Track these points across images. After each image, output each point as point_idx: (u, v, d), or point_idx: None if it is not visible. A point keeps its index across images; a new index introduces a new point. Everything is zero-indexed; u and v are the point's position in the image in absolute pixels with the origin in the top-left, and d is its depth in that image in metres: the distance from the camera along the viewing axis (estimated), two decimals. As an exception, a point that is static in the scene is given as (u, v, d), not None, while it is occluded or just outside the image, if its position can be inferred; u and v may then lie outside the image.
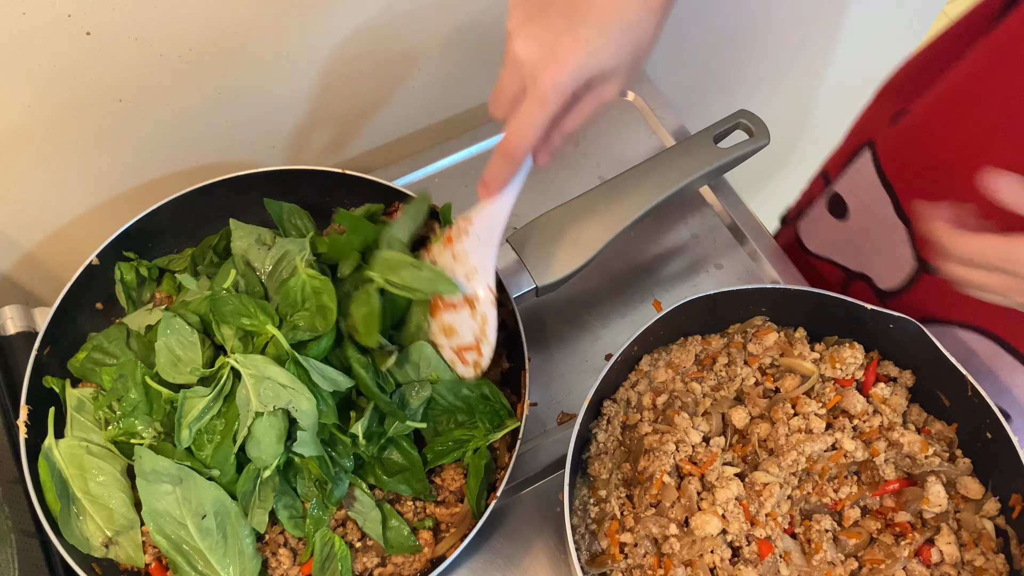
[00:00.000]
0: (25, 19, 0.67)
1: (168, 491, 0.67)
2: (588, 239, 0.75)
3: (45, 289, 0.94)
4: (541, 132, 0.58)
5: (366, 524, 0.72)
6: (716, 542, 0.65)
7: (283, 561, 0.72)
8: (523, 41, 0.56)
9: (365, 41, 0.89)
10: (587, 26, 0.55)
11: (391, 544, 0.72)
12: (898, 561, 0.66)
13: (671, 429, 0.72)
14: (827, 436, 0.70)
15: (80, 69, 0.74)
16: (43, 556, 0.69)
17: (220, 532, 0.67)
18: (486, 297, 0.71)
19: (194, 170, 0.92)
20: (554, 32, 0.55)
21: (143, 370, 0.72)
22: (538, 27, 0.56)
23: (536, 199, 0.96)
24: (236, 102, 0.87)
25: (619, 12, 0.56)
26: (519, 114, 0.58)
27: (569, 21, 0.55)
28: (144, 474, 0.67)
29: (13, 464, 0.71)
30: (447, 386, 0.74)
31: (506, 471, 0.71)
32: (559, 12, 0.56)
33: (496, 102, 0.60)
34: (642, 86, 1.05)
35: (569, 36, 0.55)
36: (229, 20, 0.77)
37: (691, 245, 0.95)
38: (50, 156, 0.81)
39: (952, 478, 0.70)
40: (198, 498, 0.67)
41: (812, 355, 0.75)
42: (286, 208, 0.83)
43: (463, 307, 0.72)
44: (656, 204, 0.75)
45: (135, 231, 0.81)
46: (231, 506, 0.68)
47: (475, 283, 0.71)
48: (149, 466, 0.67)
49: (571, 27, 0.55)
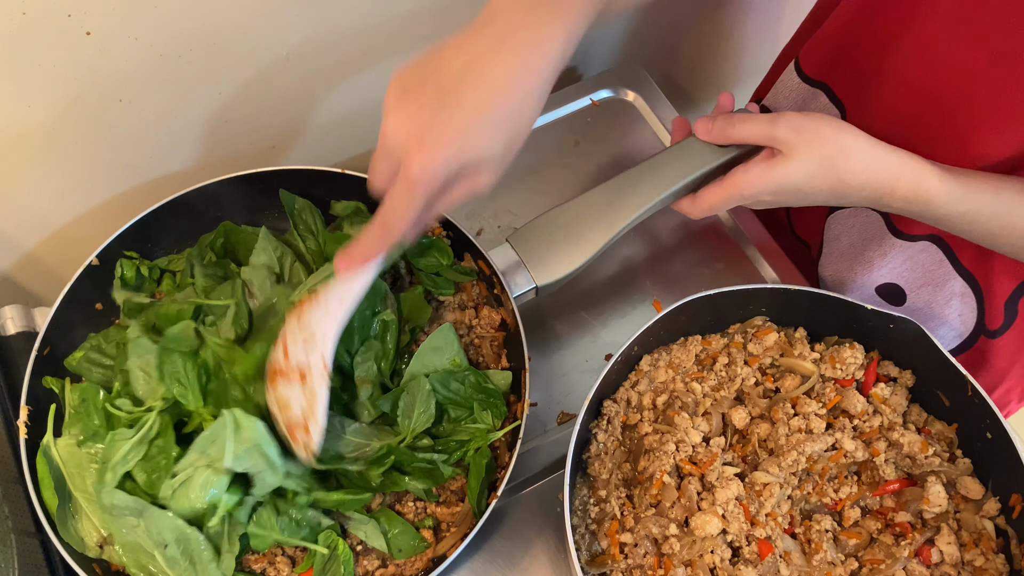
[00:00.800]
0: (25, 19, 0.67)
1: (134, 524, 0.67)
2: (588, 239, 0.75)
3: (45, 289, 0.94)
4: (413, 216, 0.56)
5: (368, 538, 0.72)
6: (716, 542, 0.65)
7: (281, 569, 0.72)
8: (395, 122, 0.54)
9: (365, 41, 0.89)
10: (460, 111, 0.53)
11: (399, 549, 0.72)
12: (898, 561, 0.66)
13: (671, 429, 0.72)
14: (827, 436, 0.70)
15: (80, 69, 0.73)
16: (43, 556, 0.69)
17: (187, 560, 0.66)
18: (318, 370, 0.65)
19: (194, 170, 0.91)
20: (427, 114, 0.53)
21: (104, 396, 0.72)
22: (412, 107, 0.54)
23: (536, 199, 0.97)
24: (236, 102, 0.87)
25: (494, 98, 0.54)
26: (391, 196, 0.56)
27: (442, 102, 0.53)
28: (107, 509, 0.67)
29: (13, 464, 0.71)
30: (438, 378, 0.74)
31: (507, 471, 0.71)
32: (433, 90, 0.54)
33: (372, 177, 0.59)
34: (642, 86, 1.06)
35: (441, 121, 0.53)
36: (229, 20, 0.77)
37: (691, 245, 0.95)
38: (50, 156, 0.81)
39: (952, 478, 0.70)
40: (157, 529, 0.66)
41: (812, 355, 0.75)
42: (299, 203, 0.83)
43: (295, 378, 0.66)
44: (656, 204, 0.75)
45: (135, 231, 0.81)
46: (191, 534, 0.66)
47: (310, 351, 0.65)
48: (108, 500, 0.67)
49: (443, 110, 0.53)
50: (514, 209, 0.96)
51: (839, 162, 0.67)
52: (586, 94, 1.05)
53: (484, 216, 0.96)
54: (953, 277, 0.82)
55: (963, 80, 0.69)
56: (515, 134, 0.57)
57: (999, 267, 0.79)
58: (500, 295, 0.79)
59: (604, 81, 1.06)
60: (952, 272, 0.82)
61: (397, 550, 0.72)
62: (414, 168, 0.53)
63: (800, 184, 0.68)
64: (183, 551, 0.66)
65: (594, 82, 1.06)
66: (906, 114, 0.74)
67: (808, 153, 0.67)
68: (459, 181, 0.57)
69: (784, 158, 0.68)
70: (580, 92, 1.05)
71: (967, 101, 0.69)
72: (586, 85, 1.05)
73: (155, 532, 0.66)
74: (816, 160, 0.67)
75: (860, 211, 0.87)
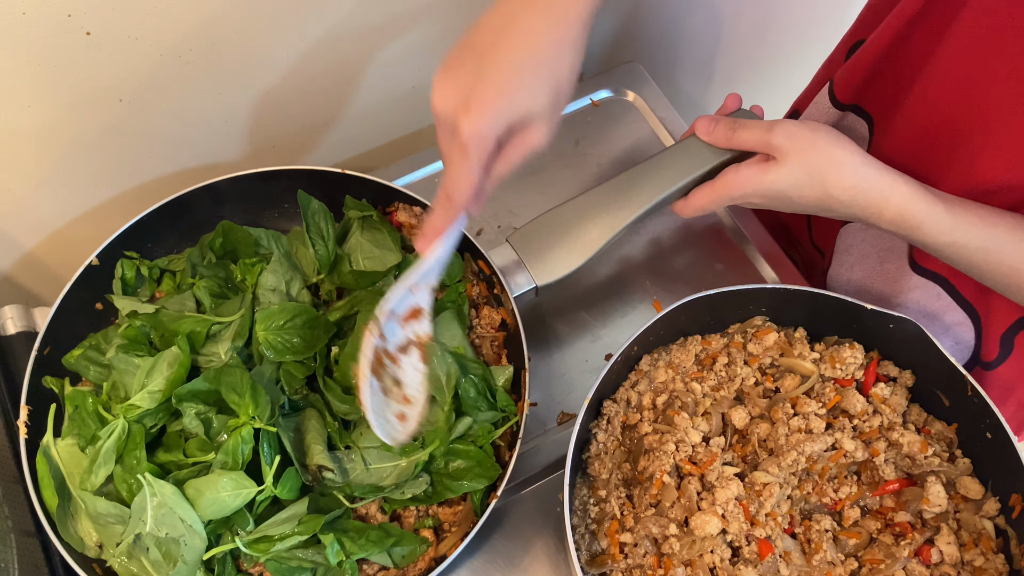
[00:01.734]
0: (25, 19, 0.67)
1: (120, 531, 0.67)
2: (588, 239, 0.75)
3: (45, 289, 0.94)
4: (474, 179, 0.58)
5: (372, 556, 0.72)
6: (716, 542, 0.65)
7: None
8: (440, 94, 0.56)
9: (365, 42, 0.89)
10: (497, 71, 0.55)
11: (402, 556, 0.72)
12: (898, 561, 0.66)
13: (671, 429, 0.72)
14: (827, 436, 0.70)
15: (80, 69, 0.74)
16: (43, 556, 0.69)
17: (170, 563, 0.67)
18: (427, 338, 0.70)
19: (194, 170, 0.92)
20: (468, 80, 0.55)
21: (94, 400, 0.72)
22: (453, 78, 0.56)
23: (536, 199, 0.97)
24: (236, 102, 0.87)
25: (530, 52, 0.56)
26: (448, 164, 0.58)
27: (481, 68, 0.55)
28: (95, 519, 0.68)
29: (13, 464, 0.71)
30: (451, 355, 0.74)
31: (507, 470, 0.71)
32: (472, 59, 0.56)
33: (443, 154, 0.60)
34: (642, 86, 1.06)
35: (481, 83, 0.55)
36: (229, 20, 0.77)
37: (691, 245, 0.95)
38: (50, 156, 0.81)
39: (952, 478, 0.70)
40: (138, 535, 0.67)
41: (812, 355, 0.75)
42: (314, 205, 0.83)
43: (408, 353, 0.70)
44: (656, 204, 0.75)
45: (135, 231, 0.81)
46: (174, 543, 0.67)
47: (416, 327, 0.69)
48: (92, 509, 0.68)
49: (483, 74, 0.55)
50: (514, 209, 0.96)
51: (829, 175, 0.67)
52: (586, 94, 1.05)
53: (484, 216, 0.96)
54: (953, 308, 0.82)
55: (979, 99, 0.68)
56: (558, 85, 0.58)
57: (997, 300, 0.78)
58: (500, 295, 0.79)
59: (604, 81, 1.06)
60: (952, 304, 0.82)
61: (400, 558, 0.72)
62: (464, 131, 0.55)
63: (787, 191, 0.68)
64: (164, 553, 0.67)
65: (594, 82, 1.06)
66: (926, 130, 0.74)
67: (800, 163, 0.67)
68: (512, 140, 0.58)
69: (776, 164, 0.68)
70: (580, 92, 1.05)
71: (982, 120, 0.68)
72: (586, 85, 1.05)
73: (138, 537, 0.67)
74: (807, 170, 0.67)
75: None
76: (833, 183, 0.67)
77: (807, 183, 0.67)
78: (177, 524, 0.66)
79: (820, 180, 0.67)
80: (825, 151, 0.67)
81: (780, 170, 0.67)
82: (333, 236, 0.83)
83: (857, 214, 0.68)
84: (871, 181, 0.67)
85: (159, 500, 0.66)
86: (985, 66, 0.67)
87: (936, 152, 0.73)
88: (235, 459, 0.68)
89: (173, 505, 0.66)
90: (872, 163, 0.67)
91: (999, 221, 0.66)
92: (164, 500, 0.66)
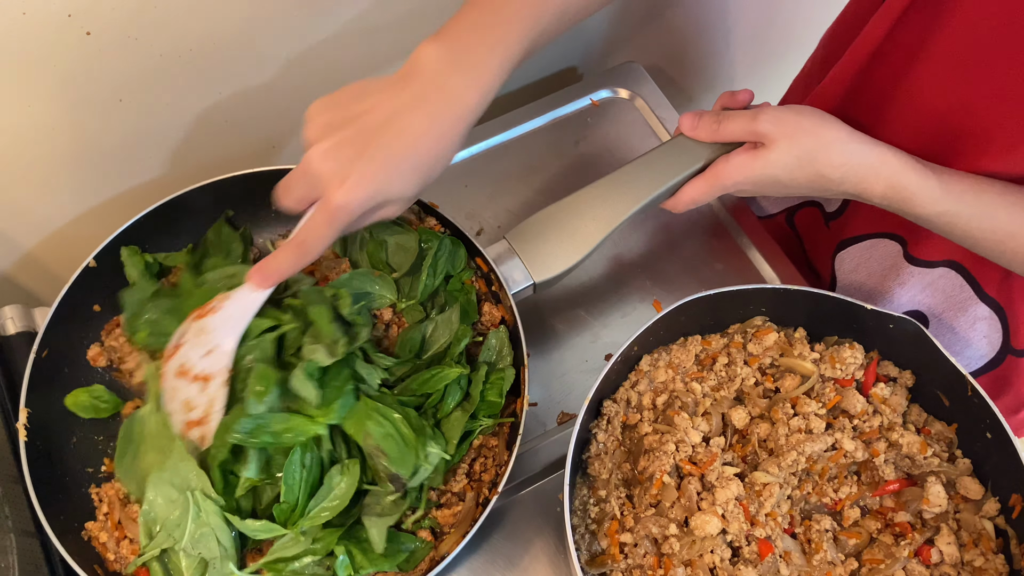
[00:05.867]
0: (25, 19, 0.67)
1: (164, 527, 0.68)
2: (585, 235, 0.76)
3: (45, 289, 0.94)
4: (330, 241, 0.61)
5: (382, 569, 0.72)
6: (716, 542, 0.65)
7: None
8: (321, 157, 0.59)
9: (365, 43, 0.89)
10: (382, 157, 0.58)
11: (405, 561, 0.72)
12: (898, 561, 0.66)
13: (671, 429, 0.72)
14: (827, 436, 0.70)
15: (80, 69, 0.74)
16: (43, 556, 0.69)
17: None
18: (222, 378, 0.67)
19: (194, 170, 0.91)
20: (352, 153, 0.58)
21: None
22: (334, 148, 0.59)
23: (536, 199, 0.97)
24: (236, 102, 0.87)
25: (415, 149, 0.59)
26: (311, 221, 0.61)
27: (366, 145, 0.58)
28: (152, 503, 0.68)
29: (13, 464, 0.71)
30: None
31: (506, 469, 0.71)
32: (357, 132, 0.59)
33: (285, 193, 0.62)
34: (642, 86, 1.06)
35: (364, 162, 0.58)
36: (229, 21, 0.77)
37: (691, 245, 0.95)
38: (50, 156, 0.81)
39: (952, 478, 0.70)
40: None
41: (812, 355, 0.75)
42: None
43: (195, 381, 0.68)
44: (653, 199, 0.75)
45: (134, 231, 0.80)
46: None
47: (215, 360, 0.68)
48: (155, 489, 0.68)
49: (367, 151, 0.58)
50: (514, 209, 0.96)
51: (819, 155, 0.67)
52: (586, 94, 1.05)
53: (484, 216, 0.96)
54: (976, 303, 0.82)
55: (971, 104, 0.68)
56: (428, 179, 0.62)
57: (1020, 287, 0.78)
58: (498, 292, 0.79)
59: (604, 81, 1.06)
60: (975, 298, 0.82)
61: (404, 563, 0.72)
62: (338, 200, 0.58)
63: (779, 176, 0.69)
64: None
65: (594, 82, 1.06)
66: (916, 137, 0.74)
67: (788, 146, 0.68)
68: (372, 213, 0.62)
69: (765, 150, 0.68)
70: (580, 92, 1.05)
71: (974, 125, 0.69)
72: (586, 85, 1.05)
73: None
74: (796, 153, 0.67)
75: (876, 243, 0.87)
76: (823, 162, 0.67)
77: (797, 165, 0.68)
78: (213, 548, 0.66)
79: (810, 161, 0.67)
80: (812, 132, 0.67)
81: (770, 155, 0.68)
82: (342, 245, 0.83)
83: (849, 191, 0.69)
84: (860, 156, 0.67)
85: (203, 520, 0.66)
86: (973, 75, 0.67)
87: (936, 149, 0.73)
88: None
89: (215, 528, 0.66)
90: (860, 139, 0.68)
91: (988, 188, 0.67)
92: (207, 520, 0.66)
